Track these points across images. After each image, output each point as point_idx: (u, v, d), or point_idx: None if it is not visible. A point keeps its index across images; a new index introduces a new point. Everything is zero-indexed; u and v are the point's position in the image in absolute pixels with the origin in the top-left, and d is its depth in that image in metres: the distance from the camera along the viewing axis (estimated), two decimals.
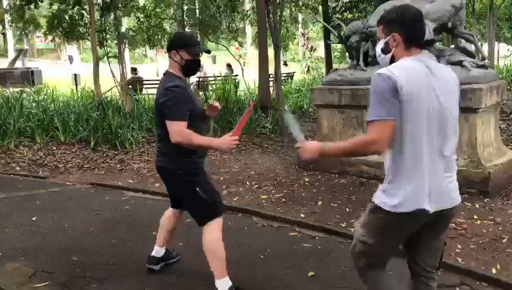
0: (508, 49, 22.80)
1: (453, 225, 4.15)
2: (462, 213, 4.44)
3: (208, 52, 3.32)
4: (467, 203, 4.68)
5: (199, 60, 3.06)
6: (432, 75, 2.00)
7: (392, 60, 2.11)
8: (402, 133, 1.97)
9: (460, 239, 3.88)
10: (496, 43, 22.65)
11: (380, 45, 2.15)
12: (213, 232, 3.02)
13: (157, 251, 3.50)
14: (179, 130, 2.81)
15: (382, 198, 2.09)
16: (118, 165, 6.95)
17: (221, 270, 3.04)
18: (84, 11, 11.25)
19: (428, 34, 5.49)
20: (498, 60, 24.74)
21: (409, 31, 2.06)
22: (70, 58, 28.44)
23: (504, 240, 3.82)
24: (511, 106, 12.24)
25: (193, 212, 3.12)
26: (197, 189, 2.97)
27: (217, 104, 3.23)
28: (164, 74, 3.08)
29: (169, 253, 3.59)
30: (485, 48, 19.24)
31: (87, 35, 11.23)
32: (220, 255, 3.03)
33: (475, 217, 4.35)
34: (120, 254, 3.86)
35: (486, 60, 5.90)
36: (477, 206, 4.64)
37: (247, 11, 15.85)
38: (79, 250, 3.95)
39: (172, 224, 3.45)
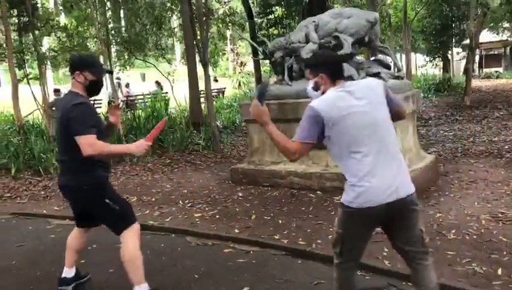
0: (425, 59, 24.39)
1: (379, 229, 4.33)
2: None
3: (110, 72, 3.42)
4: None
5: (102, 80, 3.18)
6: (353, 97, 2.43)
7: (323, 93, 2.55)
8: (340, 146, 2.43)
9: (386, 243, 4.02)
10: (413, 53, 24.20)
11: (310, 84, 2.62)
12: (130, 241, 3.09)
13: (67, 272, 3.46)
14: (89, 143, 2.87)
15: (343, 195, 2.47)
16: (42, 192, 6.60)
17: (140, 277, 3.10)
18: None
19: (347, 48, 5.78)
20: (416, 69, 26.42)
21: (333, 71, 2.55)
22: None
23: (426, 241, 4.03)
24: (429, 113, 13.08)
25: (108, 224, 3.17)
26: (107, 201, 3.05)
27: (115, 105, 3.41)
28: (67, 93, 3.18)
29: (79, 273, 3.55)
30: (403, 58, 20.48)
31: (4, 56, 10.64)
32: (138, 262, 3.10)
33: None
34: (47, 288, 3.64)
35: (402, 71, 6.29)
36: None
37: (174, 29, 15.78)
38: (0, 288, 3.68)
39: (79, 244, 3.46)
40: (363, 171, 2.36)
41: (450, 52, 23.35)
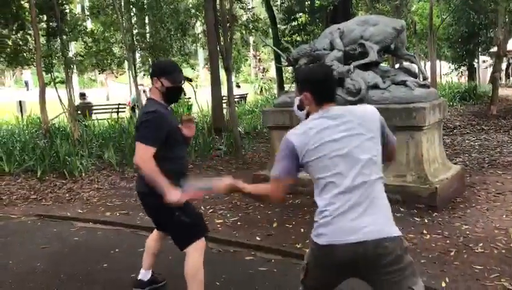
0: (450, 67, 24.01)
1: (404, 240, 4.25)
2: (412, 228, 4.56)
3: (189, 80, 3.30)
4: (416, 219, 4.83)
5: (180, 87, 3.09)
6: (335, 126, 2.11)
7: (308, 114, 2.24)
8: (316, 180, 2.14)
9: (411, 254, 3.96)
10: (438, 61, 23.85)
11: (296, 102, 2.30)
12: (193, 256, 3.03)
13: (144, 274, 3.45)
14: (143, 155, 2.84)
15: (313, 228, 2.18)
16: (67, 195, 6.70)
17: None
18: (28, 36, 10.93)
19: (373, 56, 5.72)
20: (441, 77, 26.03)
21: (318, 91, 2.18)
22: (27, 84, 27.46)
23: (452, 253, 3.95)
24: (454, 122, 12.84)
25: (174, 236, 3.09)
26: (176, 213, 2.93)
27: (188, 118, 3.29)
28: (146, 100, 3.15)
29: (156, 277, 3.54)
30: (427, 66, 20.20)
31: (33, 60, 10.88)
32: (199, 279, 3.04)
33: (424, 231, 4.48)
34: None
35: (428, 80, 6.18)
36: (425, 221, 4.79)
37: (198, 34, 15.92)
38: (24, 288, 3.74)
39: (155, 247, 3.43)
40: (333, 207, 2.06)
41: (476, 60, 22.94)
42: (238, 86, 23.12)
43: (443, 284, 3.41)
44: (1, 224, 5.54)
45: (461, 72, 23.77)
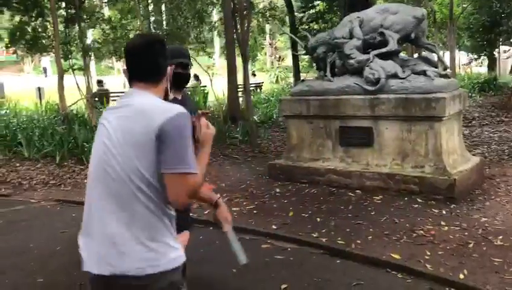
0: (469, 57, 23.61)
1: (421, 231, 4.24)
2: (430, 220, 4.53)
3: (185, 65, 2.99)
4: (434, 210, 4.78)
5: (185, 74, 2.89)
6: (109, 120, 1.76)
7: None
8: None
9: (429, 246, 3.95)
10: (457, 51, 23.45)
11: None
12: None
13: None
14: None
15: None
16: (85, 180, 6.77)
17: None
18: (47, 23, 11.02)
19: (393, 45, 5.64)
20: (459, 67, 25.60)
21: (127, 64, 1.83)
22: (45, 71, 27.70)
23: (470, 245, 3.91)
24: (473, 113, 12.64)
25: None
26: None
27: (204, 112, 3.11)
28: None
29: None
30: (446, 56, 19.88)
31: (51, 47, 10.99)
32: None
33: (442, 223, 4.44)
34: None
35: (448, 70, 6.08)
36: (443, 212, 4.74)
37: (215, 22, 15.87)
38: (45, 271, 3.82)
39: None
40: (88, 227, 1.77)
41: (496, 50, 22.48)
42: (254, 75, 23.07)
43: (461, 276, 3.38)
44: (22, 208, 5.64)
45: (481, 62, 23.34)
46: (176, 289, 1.75)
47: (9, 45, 11.86)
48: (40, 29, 11.09)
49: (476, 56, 22.58)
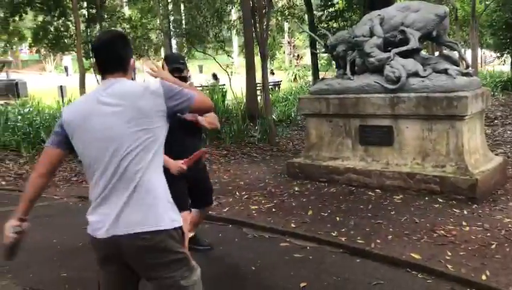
0: (491, 55, 23.19)
1: (442, 231, 4.19)
2: (451, 220, 4.47)
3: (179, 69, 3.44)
4: (455, 210, 4.73)
5: (179, 76, 3.16)
6: (102, 104, 1.96)
7: None
8: (83, 163, 2.03)
9: (450, 246, 3.91)
10: (479, 49, 23.05)
11: None
12: None
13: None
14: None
15: None
16: None
17: None
18: (69, 23, 11.22)
19: (414, 43, 5.58)
20: (482, 65, 25.16)
21: (96, 60, 2.06)
22: (67, 69, 28.09)
23: (493, 246, 3.85)
24: (495, 112, 12.43)
25: None
26: None
27: None
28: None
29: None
30: (468, 54, 19.55)
31: (73, 46, 11.18)
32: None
33: (464, 223, 4.38)
34: None
35: (470, 68, 5.99)
36: (465, 212, 4.68)
37: (233, 21, 15.91)
38: (68, 266, 3.90)
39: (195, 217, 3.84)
40: (94, 196, 1.98)
41: None
42: (272, 73, 23.04)
43: (483, 278, 3.34)
44: (45, 204, 5.75)
45: (504, 60, 22.88)
46: None
47: (32, 44, 12.11)
48: (62, 29, 11.31)
49: (498, 54, 22.13)
